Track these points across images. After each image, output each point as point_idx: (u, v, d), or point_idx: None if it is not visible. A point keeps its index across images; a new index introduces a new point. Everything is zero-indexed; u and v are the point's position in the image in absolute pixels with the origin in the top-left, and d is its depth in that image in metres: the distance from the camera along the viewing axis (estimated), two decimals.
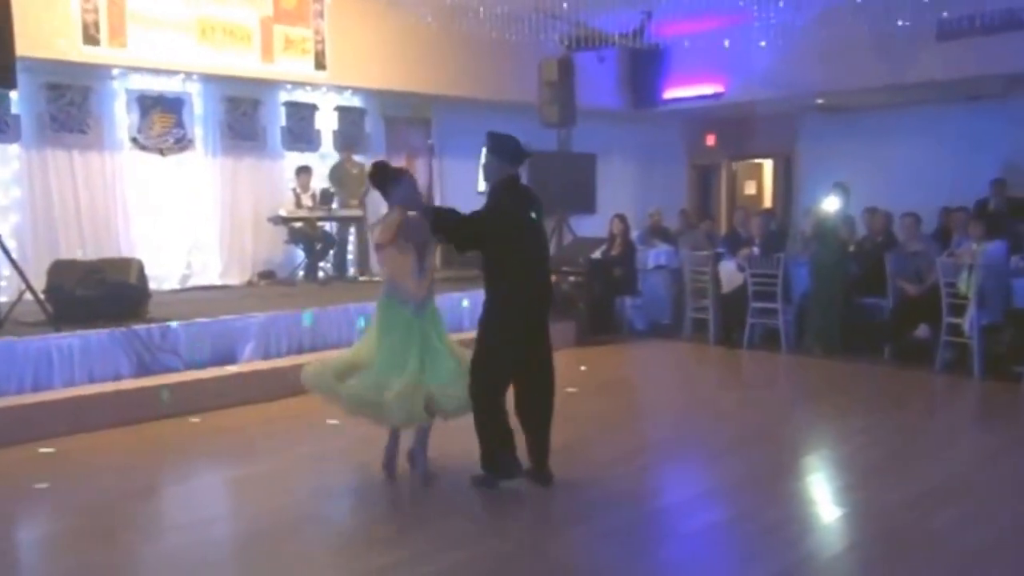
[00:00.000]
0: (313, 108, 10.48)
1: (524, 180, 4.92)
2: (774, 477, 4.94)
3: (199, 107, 9.66)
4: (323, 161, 10.37)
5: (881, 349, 8.19)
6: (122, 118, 9.17)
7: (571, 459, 5.00)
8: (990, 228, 8.00)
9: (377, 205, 10.96)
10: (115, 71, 8.82)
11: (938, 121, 11.77)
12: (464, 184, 10.18)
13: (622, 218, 9.82)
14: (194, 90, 9.58)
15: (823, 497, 4.79)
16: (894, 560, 3.77)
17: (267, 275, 9.95)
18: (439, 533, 4.08)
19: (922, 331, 7.91)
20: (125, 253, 8.57)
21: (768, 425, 6.19)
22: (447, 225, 4.59)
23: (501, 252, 4.52)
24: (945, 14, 8.92)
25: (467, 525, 4.25)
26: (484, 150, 4.72)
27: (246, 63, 9.16)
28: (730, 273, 9.06)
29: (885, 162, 11.93)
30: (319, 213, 9.68)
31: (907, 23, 8.79)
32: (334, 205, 9.76)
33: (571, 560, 3.84)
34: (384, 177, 4.80)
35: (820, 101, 12.14)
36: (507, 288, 4.53)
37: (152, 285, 7.58)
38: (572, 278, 9.31)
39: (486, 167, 4.78)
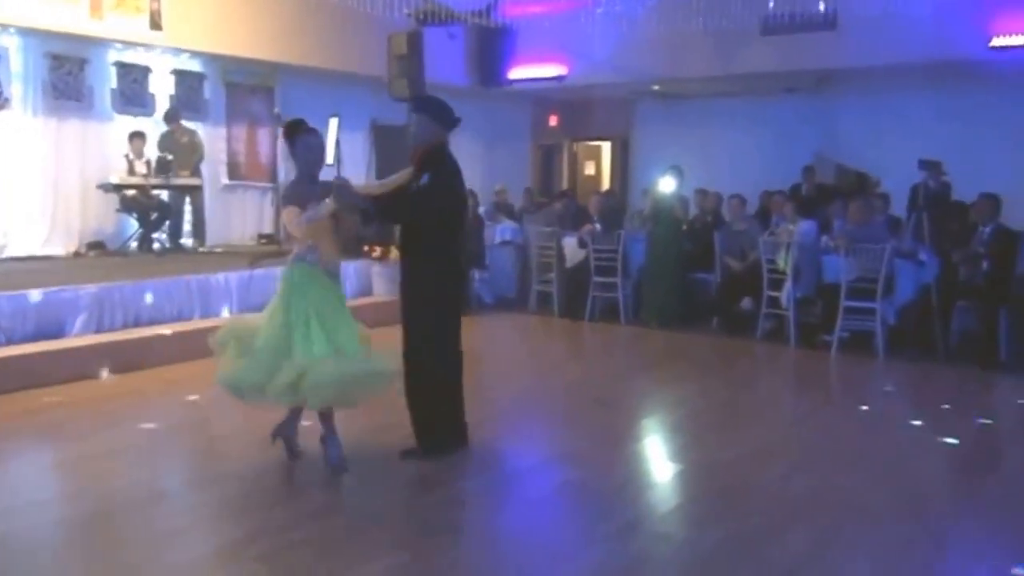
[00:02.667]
0: (147, 70, 9.93)
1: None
2: (617, 440, 5.24)
3: (17, 63, 8.92)
4: (158, 127, 9.84)
5: (709, 320, 8.79)
6: None
7: None
8: (802, 210, 8.75)
9: (217, 175, 10.63)
10: None
11: (760, 111, 12.64)
12: None
13: (471, 194, 9.95)
14: (12, 44, 8.85)
15: (661, 456, 5.14)
16: (726, 510, 4.12)
17: (96, 245, 9.39)
18: (296, 505, 4.06)
19: (745, 303, 8.55)
20: None
21: (610, 391, 6.54)
22: (393, 210, 4.60)
23: (442, 225, 4.54)
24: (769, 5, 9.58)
25: (324, 496, 4.27)
26: (417, 113, 4.60)
27: (72, 19, 8.55)
28: (573, 249, 9.42)
29: (713, 147, 12.68)
30: (154, 181, 9.23)
31: (735, 18, 9.39)
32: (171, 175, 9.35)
33: (430, 524, 3.94)
34: (287, 132, 4.48)
35: (656, 87, 12.72)
36: (444, 262, 4.58)
37: None
38: None
39: (420, 129, 4.58)
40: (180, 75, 10.26)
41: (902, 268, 7.66)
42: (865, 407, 6.02)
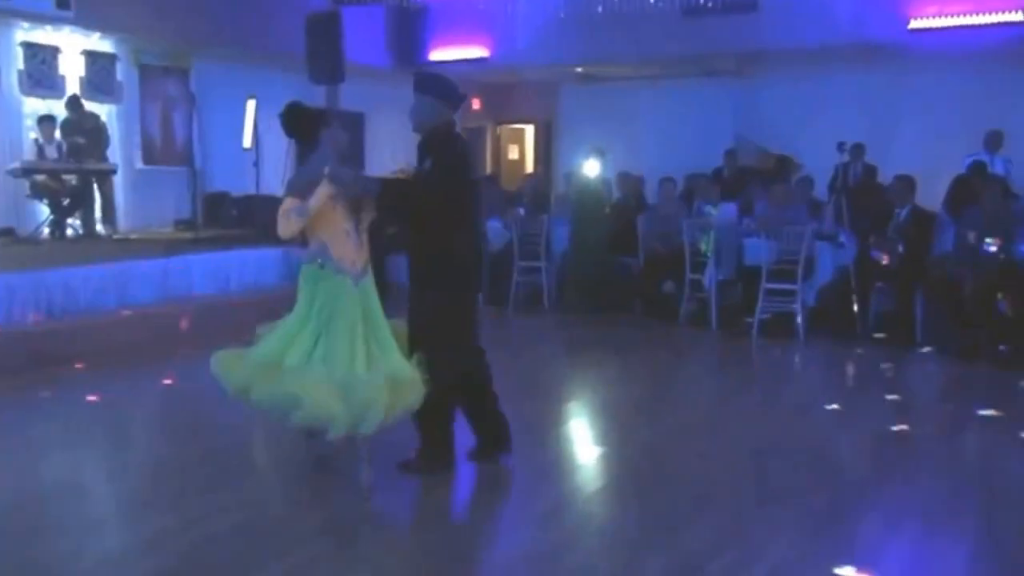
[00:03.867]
0: (56, 51, 9.54)
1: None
2: (541, 423, 5.26)
3: None
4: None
5: (632, 304, 8.89)
6: None
7: None
8: (724, 193, 8.90)
9: (131, 159, 10.28)
10: None
11: (682, 94, 12.79)
12: (227, 139, 9.75)
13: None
14: None
15: (586, 439, 5.21)
16: (650, 489, 4.20)
17: (5, 232, 9.01)
18: (222, 494, 4.01)
19: (668, 286, 8.66)
20: None
21: (535, 375, 6.58)
22: (397, 200, 4.09)
23: (453, 215, 4.05)
24: None
25: (250, 486, 4.22)
26: (418, 93, 4.18)
27: None
28: (497, 233, 9.41)
29: (636, 130, 12.80)
30: (66, 166, 8.88)
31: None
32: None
33: (355, 512, 3.93)
34: (305, 124, 4.06)
35: (579, 70, 12.76)
36: (460, 255, 4.13)
37: None
38: None
39: (421, 111, 4.18)
40: (91, 56, 9.89)
41: (822, 250, 7.81)
42: (785, 388, 6.18)
